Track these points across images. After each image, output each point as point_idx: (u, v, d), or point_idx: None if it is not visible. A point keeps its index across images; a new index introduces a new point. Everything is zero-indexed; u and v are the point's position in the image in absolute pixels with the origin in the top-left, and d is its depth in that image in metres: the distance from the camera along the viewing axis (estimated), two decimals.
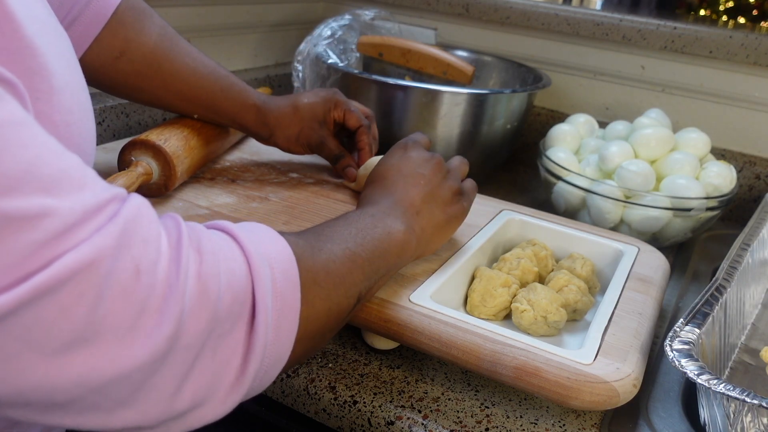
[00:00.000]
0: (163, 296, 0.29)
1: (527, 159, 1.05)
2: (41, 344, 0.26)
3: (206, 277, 0.31)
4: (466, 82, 0.96)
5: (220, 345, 0.32)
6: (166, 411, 0.31)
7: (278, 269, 0.36)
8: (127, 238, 0.28)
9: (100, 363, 0.27)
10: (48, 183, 0.26)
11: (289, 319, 0.36)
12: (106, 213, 0.28)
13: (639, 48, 0.99)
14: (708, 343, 0.51)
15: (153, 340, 0.29)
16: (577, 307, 0.58)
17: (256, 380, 0.35)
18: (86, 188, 0.28)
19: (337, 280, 0.41)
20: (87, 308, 0.26)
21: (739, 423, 0.44)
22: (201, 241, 0.33)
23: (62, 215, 0.26)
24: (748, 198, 0.93)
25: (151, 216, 0.31)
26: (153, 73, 0.66)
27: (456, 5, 1.10)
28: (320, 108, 0.73)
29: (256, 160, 0.81)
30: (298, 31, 1.20)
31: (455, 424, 0.49)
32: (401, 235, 0.50)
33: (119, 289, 0.27)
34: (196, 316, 0.30)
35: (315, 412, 0.52)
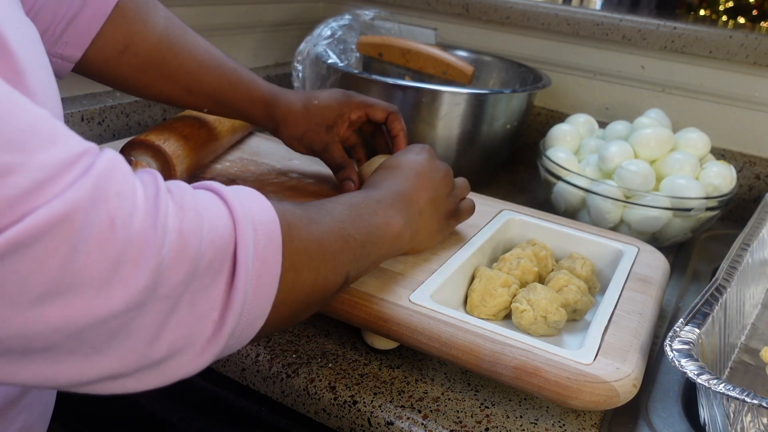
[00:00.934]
0: (139, 248, 0.29)
1: (527, 159, 1.05)
2: (17, 296, 0.26)
3: (187, 232, 0.32)
4: (466, 82, 0.96)
5: (199, 298, 0.33)
6: (142, 359, 0.31)
7: (261, 231, 0.36)
8: (100, 191, 0.28)
9: (77, 312, 0.28)
10: (17, 138, 0.26)
11: (269, 280, 0.36)
12: (78, 167, 0.28)
13: (639, 48, 0.99)
14: (708, 343, 0.51)
15: (129, 290, 0.29)
16: (577, 307, 0.58)
17: (233, 337, 0.35)
18: (57, 142, 0.28)
19: (328, 255, 0.42)
20: (61, 261, 0.27)
21: (739, 423, 0.44)
22: (184, 198, 0.33)
23: (33, 171, 0.26)
24: (748, 198, 0.93)
25: (125, 170, 0.31)
26: (159, 66, 0.64)
27: (456, 5, 1.10)
28: (332, 113, 0.70)
29: (256, 160, 0.81)
30: (298, 31, 1.20)
31: (455, 424, 0.49)
32: (399, 228, 0.51)
33: (94, 242, 0.28)
34: (175, 269, 0.31)
35: (315, 412, 0.52)
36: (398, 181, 0.55)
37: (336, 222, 0.44)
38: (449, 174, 0.60)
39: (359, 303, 0.52)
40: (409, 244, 0.54)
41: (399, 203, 0.52)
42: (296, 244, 0.39)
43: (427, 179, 0.57)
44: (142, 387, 0.33)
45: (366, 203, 0.49)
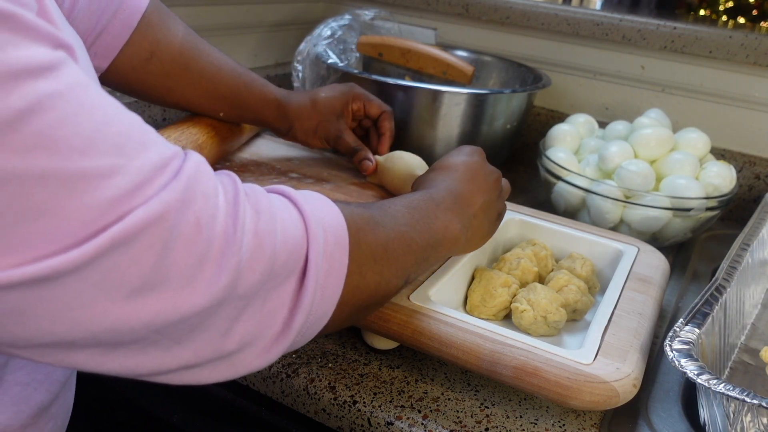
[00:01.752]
0: (221, 249, 0.31)
1: (527, 159, 1.05)
2: (114, 290, 0.28)
3: (263, 233, 0.33)
4: (466, 82, 0.96)
5: (271, 296, 0.34)
6: (216, 351, 0.33)
7: (330, 233, 0.38)
8: (189, 193, 0.30)
9: (165, 307, 0.30)
10: (117, 142, 0.28)
11: (335, 281, 0.38)
12: (170, 170, 0.30)
13: (639, 48, 0.99)
14: (708, 343, 0.51)
15: (212, 288, 0.31)
16: (577, 307, 0.58)
17: (299, 334, 0.37)
18: (150, 146, 0.30)
19: (391, 258, 0.43)
20: (155, 258, 0.28)
21: (738, 423, 0.44)
22: (259, 201, 0.35)
23: (132, 173, 0.28)
24: (748, 198, 0.93)
25: (209, 172, 0.33)
26: (181, 72, 0.67)
27: (456, 5, 1.10)
28: (338, 102, 0.75)
29: (256, 160, 0.81)
30: (298, 31, 1.20)
31: (455, 424, 0.49)
32: (456, 232, 0.51)
33: (183, 242, 0.29)
34: (252, 269, 0.32)
35: (315, 412, 0.52)
36: (455, 183, 0.55)
37: (399, 226, 0.45)
38: (499, 177, 0.60)
39: None
40: (464, 246, 0.55)
41: (457, 206, 0.53)
42: (363, 247, 0.40)
43: (482, 182, 0.57)
44: (214, 378, 0.35)
45: (426, 206, 0.50)
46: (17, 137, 0.25)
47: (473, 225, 0.55)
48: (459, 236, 0.52)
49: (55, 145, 0.26)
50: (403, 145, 0.86)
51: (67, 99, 0.27)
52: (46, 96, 0.26)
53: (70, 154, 0.26)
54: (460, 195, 0.54)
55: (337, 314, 0.39)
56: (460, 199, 0.54)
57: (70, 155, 0.26)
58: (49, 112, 0.26)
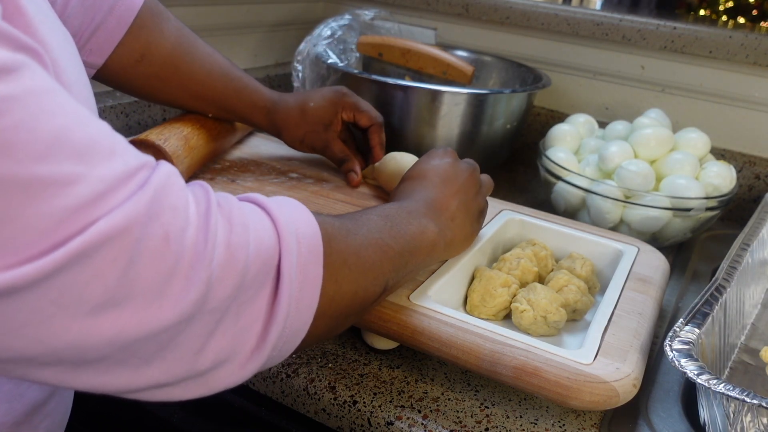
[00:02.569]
0: (190, 263, 0.30)
1: (527, 159, 1.05)
2: (75, 306, 0.27)
3: (234, 246, 0.32)
4: (466, 82, 0.96)
5: (244, 311, 0.33)
6: (188, 369, 0.32)
7: (304, 243, 0.37)
8: (156, 205, 0.29)
9: (130, 324, 0.29)
10: (78, 150, 0.27)
11: (310, 292, 0.37)
12: (136, 180, 0.29)
13: (639, 48, 0.99)
14: (708, 343, 0.51)
15: (180, 304, 0.30)
16: (577, 307, 0.58)
17: (275, 349, 0.36)
18: (116, 156, 0.28)
19: (367, 265, 0.42)
20: (119, 272, 0.27)
21: (738, 423, 0.44)
22: (232, 212, 0.34)
23: (93, 182, 0.27)
24: (748, 198, 0.93)
25: (179, 184, 0.31)
26: (171, 75, 0.67)
27: (456, 5, 1.10)
28: (327, 112, 0.74)
29: (256, 160, 0.81)
30: (298, 31, 1.20)
31: (455, 424, 0.49)
32: (433, 236, 0.51)
33: (149, 255, 0.28)
34: (223, 283, 0.32)
35: (315, 412, 0.52)
36: (427, 190, 0.55)
37: (373, 232, 0.45)
38: (475, 173, 0.60)
39: None
40: (445, 251, 0.55)
41: (431, 212, 0.53)
42: (335, 256, 0.39)
43: (455, 184, 0.57)
44: (187, 396, 0.34)
45: (399, 214, 0.49)
46: None
47: (452, 228, 0.55)
48: (436, 240, 0.51)
49: (9, 150, 0.25)
50: (403, 146, 0.86)
51: (24, 103, 0.26)
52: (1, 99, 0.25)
53: (26, 160, 0.25)
54: (434, 201, 0.54)
55: (314, 327, 0.38)
56: (434, 204, 0.54)
57: (25, 161, 0.25)
58: (4, 117, 0.25)
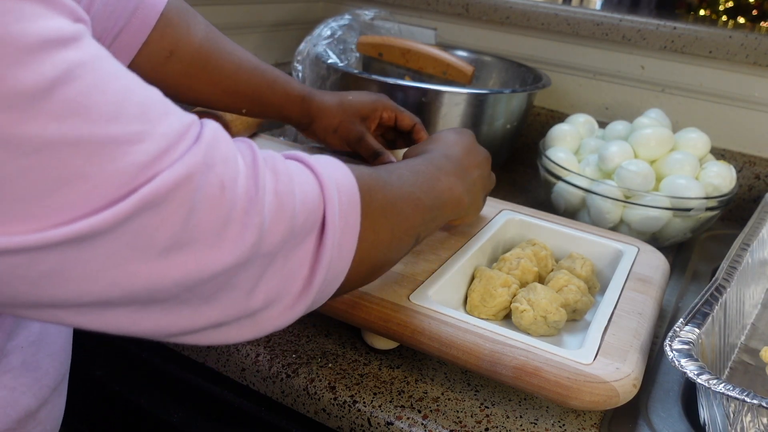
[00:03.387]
0: (244, 209, 0.33)
1: (527, 159, 1.05)
2: (146, 250, 0.30)
3: (282, 194, 0.35)
4: (466, 82, 0.96)
5: (292, 255, 0.36)
6: (241, 309, 0.35)
7: (344, 193, 0.39)
8: (210, 156, 0.31)
9: (194, 265, 0.31)
10: (140, 110, 0.29)
11: (350, 238, 0.40)
12: (190, 135, 0.31)
13: (639, 48, 0.99)
14: (708, 343, 0.51)
15: (238, 247, 0.32)
16: (577, 307, 0.58)
17: (319, 292, 0.38)
18: (171, 114, 0.31)
19: (402, 216, 0.45)
20: (183, 218, 0.30)
21: (738, 423, 0.44)
22: (276, 165, 0.36)
23: (157, 139, 0.29)
24: (748, 198, 0.93)
25: (226, 138, 0.34)
26: (201, 70, 0.67)
27: (456, 5, 1.10)
28: (366, 107, 0.75)
29: None
30: (298, 31, 1.20)
31: (455, 424, 0.49)
32: (459, 194, 0.54)
33: (207, 202, 0.31)
34: (275, 229, 0.34)
35: (315, 412, 0.52)
36: (452, 150, 0.58)
37: (406, 186, 0.47)
38: (489, 157, 0.64)
39: (359, 303, 0.52)
40: (466, 210, 0.57)
41: (458, 172, 0.55)
42: (375, 205, 0.42)
43: (476, 157, 0.60)
44: (241, 337, 0.37)
45: (429, 170, 0.52)
46: (52, 105, 0.26)
47: (472, 191, 0.58)
48: (462, 198, 0.54)
49: (87, 112, 0.27)
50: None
51: (92, 68, 0.28)
52: (75, 65, 0.27)
53: (101, 121, 0.27)
54: (459, 162, 0.57)
55: (354, 273, 0.41)
56: (460, 165, 0.56)
57: (100, 122, 0.27)
58: (78, 81, 0.27)
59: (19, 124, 0.25)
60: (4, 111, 0.25)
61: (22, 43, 0.25)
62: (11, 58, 0.25)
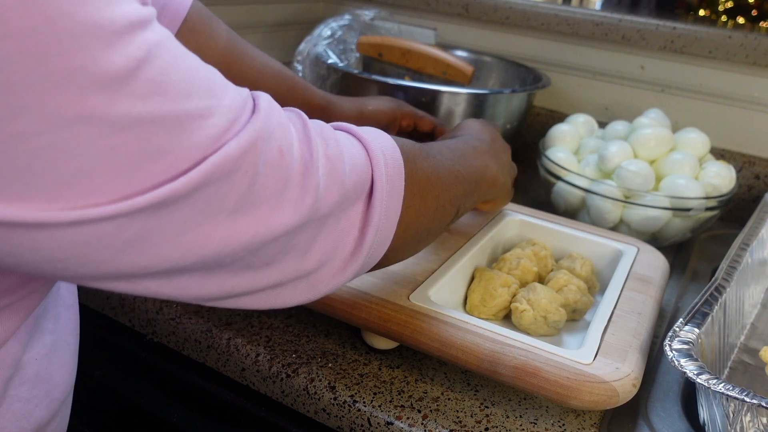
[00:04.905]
0: (302, 173, 0.34)
1: (527, 159, 1.05)
2: (217, 214, 0.31)
3: (333, 158, 0.36)
4: (466, 82, 0.96)
5: (343, 216, 0.38)
6: (297, 269, 0.37)
7: (389, 158, 0.41)
8: (269, 124, 0.33)
9: (260, 227, 0.33)
10: (207, 87, 0.31)
11: (396, 203, 0.41)
12: (249, 107, 0.33)
13: (638, 48, 0.99)
14: (707, 342, 0.51)
15: (298, 208, 0.34)
16: (577, 307, 0.58)
17: (368, 255, 0.40)
18: (231, 89, 0.33)
19: (445, 186, 0.47)
20: (248, 183, 0.32)
21: (738, 423, 0.44)
22: (324, 131, 0.38)
23: (224, 112, 0.31)
24: (748, 198, 0.93)
25: (279, 107, 0.36)
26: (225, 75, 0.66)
27: (456, 5, 1.10)
28: (386, 115, 0.75)
29: None
30: (298, 31, 1.20)
31: (455, 424, 0.49)
32: (495, 172, 0.57)
33: (270, 167, 0.33)
34: (330, 190, 0.36)
35: (315, 412, 0.53)
36: (483, 135, 0.60)
37: (446, 160, 0.49)
38: (510, 150, 0.65)
39: (359, 303, 0.52)
40: (500, 191, 0.60)
41: (491, 151, 0.58)
42: (420, 173, 0.44)
43: (502, 143, 0.62)
44: (296, 299, 0.38)
45: (465, 149, 0.54)
46: (138, 84, 0.27)
47: (505, 173, 0.60)
48: (497, 176, 0.57)
49: (166, 90, 0.28)
50: None
51: (167, 47, 0.29)
52: (154, 45, 0.28)
53: (178, 98, 0.29)
54: (491, 145, 0.59)
55: (399, 238, 0.42)
56: (492, 147, 0.59)
57: (177, 99, 0.29)
58: (157, 60, 0.28)
59: (109, 104, 0.26)
60: (96, 92, 0.26)
61: (112, 26, 0.27)
62: (103, 41, 0.26)
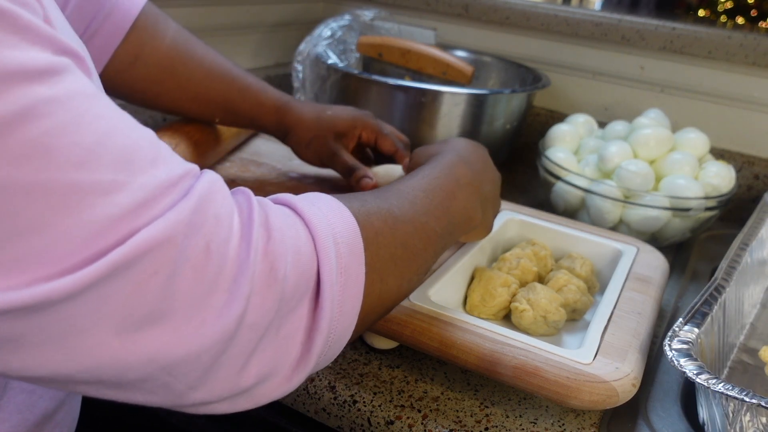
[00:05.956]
0: (233, 275, 0.29)
1: (527, 159, 1.05)
2: (113, 321, 0.26)
3: (273, 255, 0.31)
4: (466, 82, 0.96)
5: (285, 322, 0.32)
6: (232, 388, 0.31)
7: (343, 243, 0.35)
8: (199, 214, 0.28)
9: (171, 341, 0.27)
10: (120, 157, 0.26)
11: (354, 292, 0.35)
12: (179, 189, 0.28)
13: (638, 48, 0.99)
14: (707, 342, 0.51)
15: (222, 320, 0.28)
16: (577, 307, 0.59)
17: (321, 356, 0.34)
18: (159, 163, 0.28)
19: (413, 256, 0.41)
20: (160, 285, 0.26)
21: (737, 422, 0.44)
22: (269, 218, 0.32)
23: (134, 191, 0.26)
24: (747, 198, 0.94)
25: (223, 192, 0.30)
26: (168, 76, 0.64)
27: (455, 5, 1.10)
28: (344, 122, 0.70)
29: (256, 160, 0.81)
30: (298, 31, 1.20)
31: (455, 424, 0.49)
32: (473, 213, 0.50)
33: (190, 267, 0.27)
34: (263, 295, 0.30)
35: (315, 411, 0.53)
36: (471, 157, 0.53)
37: (419, 215, 0.42)
38: (500, 180, 0.59)
39: None
40: (476, 232, 0.54)
41: (475, 181, 0.51)
42: (383, 252, 0.38)
43: (492, 171, 0.56)
44: (235, 409, 0.34)
45: (446, 184, 0.47)
46: (8, 144, 0.23)
47: (485, 208, 0.53)
48: (475, 217, 0.50)
49: (50, 154, 0.24)
50: None
51: (67, 107, 0.25)
52: (43, 102, 0.24)
53: (66, 166, 0.24)
54: (476, 171, 0.52)
55: (360, 326, 0.37)
56: (476, 175, 0.52)
57: (66, 167, 0.24)
58: (45, 119, 0.24)
59: None
60: None
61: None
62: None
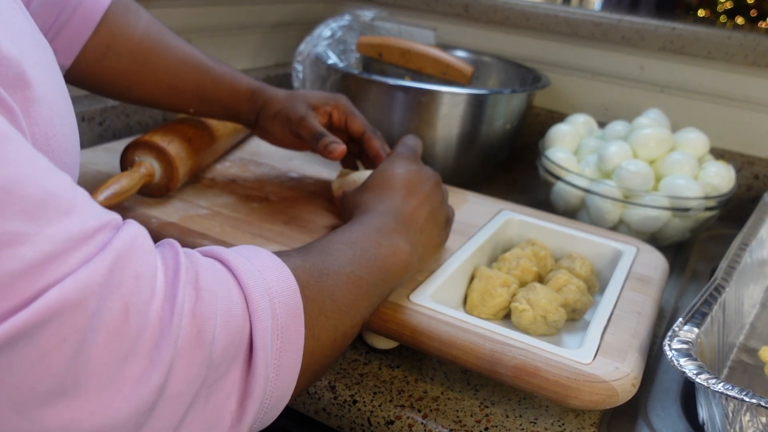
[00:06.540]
0: (154, 340, 0.26)
1: (526, 159, 1.05)
2: (14, 395, 0.23)
3: (201, 317, 0.28)
4: (466, 82, 0.96)
5: (214, 390, 0.29)
6: None
7: (279, 303, 0.33)
8: (117, 272, 0.25)
9: (81, 417, 0.24)
10: (28, 206, 0.23)
11: (292, 355, 0.33)
12: (94, 242, 0.25)
13: (638, 48, 0.99)
14: (707, 342, 0.51)
15: (139, 390, 0.26)
16: (576, 307, 0.59)
17: (256, 422, 0.32)
18: (73, 213, 0.25)
19: (343, 308, 0.39)
20: (69, 354, 0.23)
21: (737, 422, 0.44)
22: (198, 274, 0.30)
23: (41, 243, 0.23)
24: (747, 198, 0.94)
25: (146, 247, 0.28)
26: (142, 67, 0.63)
27: (455, 5, 1.10)
28: (315, 98, 0.68)
29: (256, 160, 0.81)
30: (298, 32, 1.20)
31: (455, 424, 0.49)
32: (406, 255, 0.48)
33: (105, 332, 0.24)
34: (188, 362, 0.27)
35: (315, 411, 0.53)
36: (393, 201, 0.52)
37: (345, 267, 0.41)
38: (439, 181, 0.58)
39: None
40: (418, 265, 0.52)
41: (400, 227, 0.49)
42: (311, 306, 0.36)
43: (421, 193, 0.54)
44: None
45: (368, 236, 0.46)
46: None
47: (422, 241, 0.52)
48: (409, 259, 0.48)
49: None
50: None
51: None
52: None
53: None
54: (402, 213, 0.51)
55: (297, 387, 0.35)
56: (402, 217, 0.51)
57: None
58: None
59: None
60: None
61: None
62: None
